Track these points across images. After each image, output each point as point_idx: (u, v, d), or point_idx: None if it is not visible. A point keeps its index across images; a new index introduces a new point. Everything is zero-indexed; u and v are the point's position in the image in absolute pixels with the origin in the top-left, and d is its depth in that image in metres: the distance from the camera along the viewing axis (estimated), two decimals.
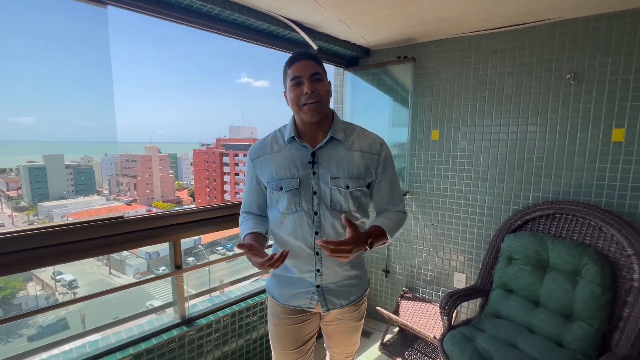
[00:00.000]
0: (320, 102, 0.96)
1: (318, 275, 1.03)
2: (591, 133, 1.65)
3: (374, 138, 1.05)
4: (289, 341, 1.12)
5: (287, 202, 0.99)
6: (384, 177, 1.05)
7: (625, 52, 1.54)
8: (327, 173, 0.99)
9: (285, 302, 1.08)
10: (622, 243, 1.42)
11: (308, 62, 0.96)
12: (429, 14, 1.63)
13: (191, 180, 54.60)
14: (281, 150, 1.04)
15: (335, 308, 1.07)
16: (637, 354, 1.29)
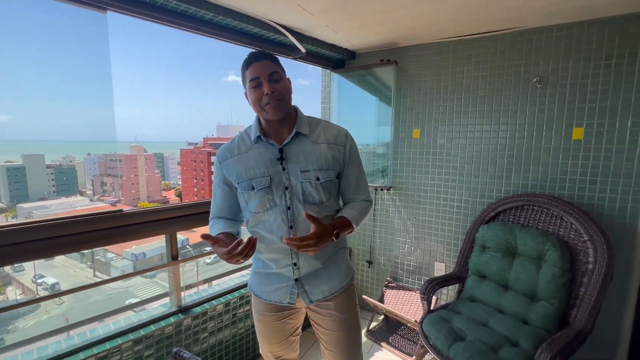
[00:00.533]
0: (281, 100, 0.98)
1: (295, 269, 1.04)
2: (555, 132, 1.82)
3: (339, 130, 1.08)
4: (272, 336, 1.15)
5: (259, 200, 1.01)
6: (350, 167, 1.08)
7: (584, 58, 1.71)
8: (296, 167, 1.01)
9: (266, 298, 1.10)
10: (580, 230, 1.59)
11: (265, 63, 0.98)
12: (408, 21, 1.76)
13: (178, 180, 53.80)
14: (249, 151, 1.05)
15: (319, 300, 1.07)
16: (590, 328, 1.45)
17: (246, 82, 1.01)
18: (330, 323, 1.10)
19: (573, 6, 1.55)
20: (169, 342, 1.51)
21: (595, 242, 1.53)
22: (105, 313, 1.51)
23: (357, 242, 2.58)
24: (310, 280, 1.06)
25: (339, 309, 1.09)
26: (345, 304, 1.10)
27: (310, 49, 2.04)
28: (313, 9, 1.58)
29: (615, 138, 1.68)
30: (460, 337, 1.54)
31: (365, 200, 1.12)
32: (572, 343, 1.37)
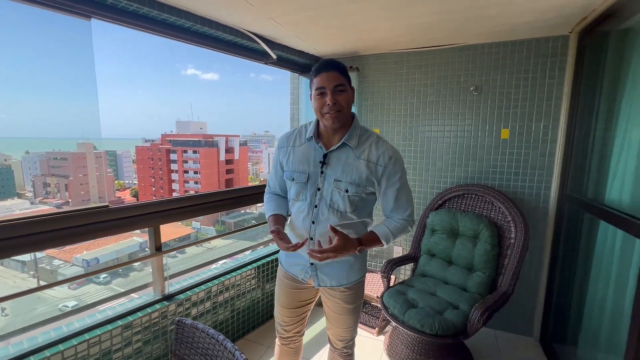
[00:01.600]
0: (341, 112, 1.07)
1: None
2: (487, 132, 2.18)
3: (385, 150, 1.12)
4: (286, 301, 1.32)
5: (295, 191, 1.18)
6: (389, 187, 1.14)
7: (508, 72, 2.08)
8: (332, 174, 1.11)
9: (287, 269, 1.29)
10: (505, 213, 1.95)
11: (332, 74, 1.06)
12: (368, 34, 2.01)
13: (134, 179, 50.57)
14: (301, 146, 1.19)
15: (326, 286, 1.22)
16: (512, 290, 1.81)
17: (312, 88, 1.11)
18: (336, 307, 1.27)
19: (499, 30, 1.89)
20: (155, 328, 1.63)
21: (516, 222, 1.90)
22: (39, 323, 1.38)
23: None
24: (323, 268, 1.20)
25: (345, 300, 1.24)
26: (351, 297, 1.25)
27: (280, 54, 2.22)
28: (284, 21, 1.76)
29: (532, 138, 2.07)
30: (413, 305, 1.83)
31: (403, 219, 1.16)
32: (498, 302, 1.72)
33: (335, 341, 1.36)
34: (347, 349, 1.36)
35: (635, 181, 1.46)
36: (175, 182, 39.55)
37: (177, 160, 39.06)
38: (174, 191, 39.25)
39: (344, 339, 1.33)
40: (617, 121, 1.63)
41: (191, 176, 39.34)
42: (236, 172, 45.04)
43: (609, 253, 1.62)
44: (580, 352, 1.83)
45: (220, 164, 41.96)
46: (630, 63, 1.56)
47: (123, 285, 20.68)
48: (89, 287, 20.83)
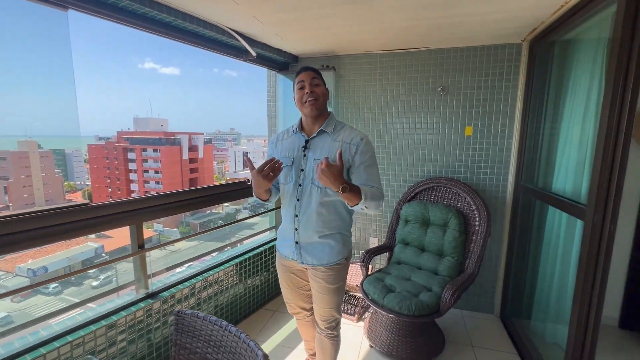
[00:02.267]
0: (317, 100, 1.30)
1: (296, 233, 1.36)
2: (453, 130, 2.38)
3: (357, 134, 1.31)
4: (284, 282, 1.54)
5: (283, 174, 1.37)
6: (362, 164, 1.28)
7: (471, 74, 2.29)
8: (313, 156, 1.32)
9: (281, 251, 1.48)
10: (470, 202, 2.16)
11: (310, 73, 1.33)
12: (345, 37, 2.11)
13: (87, 180, 46.88)
14: (288, 138, 1.42)
15: (308, 264, 1.38)
16: (477, 271, 2.02)
17: (295, 85, 1.35)
18: (319, 286, 1.41)
19: (464, 36, 2.08)
20: (140, 327, 1.61)
21: (480, 210, 2.11)
22: None
23: None
24: (306, 247, 1.37)
25: (326, 280, 1.38)
26: (332, 278, 1.38)
27: (259, 52, 2.25)
28: (266, 20, 1.80)
29: (492, 134, 2.30)
30: (391, 290, 1.97)
31: (376, 188, 1.28)
32: (465, 283, 1.91)
33: (319, 322, 1.49)
34: (330, 329, 1.48)
35: (575, 172, 1.71)
36: (134, 182, 37.27)
37: (136, 159, 36.80)
38: (132, 192, 37.00)
39: (326, 319, 1.46)
40: (561, 120, 1.88)
41: (152, 176, 37.29)
42: (201, 171, 43.47)
43: (556, 234, 1.87)
44: (533, 324, 2.08)
45: (184, 163, 40.25)
46: (571, 69, 1.80)
47: (77, 295, 19.16)
48: (36, 299, 19.05)
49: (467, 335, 2.22)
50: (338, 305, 1.45)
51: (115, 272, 20.29)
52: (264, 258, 2.51)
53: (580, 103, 1.69)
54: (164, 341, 1.73)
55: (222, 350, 0.96)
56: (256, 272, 2.44)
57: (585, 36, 1.71)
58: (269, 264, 2.58)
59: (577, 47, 1.78)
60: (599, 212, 1.32)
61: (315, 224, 1.32)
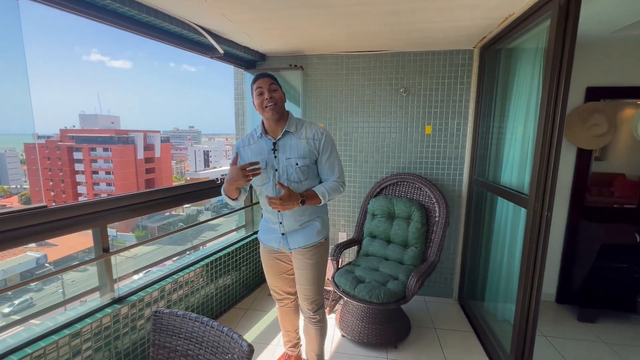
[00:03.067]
0: (277, 104, 1.39)
1: (281, 226, 1.51)
2: (415, 128, 2.54)
3: (317, 129, 1.47)
4: (271, 271, 1.65)
5: (259, 178, 1.44)
6: (324, 155, 1.46)
7: (430, 77, 2.46)
8: (283, 155, 1.43)
9: (266, 244, 1.62)
10: (431, 196, 2.33)
11: (267, 79, 1.41)
12: (311, 37, 2.16)
13: (24, 183, 42.17)
14: (254, 143, 1.48)
15: (294, 248, 1.52)
16: (438, 259, 2.19)
17: (254, 91, 1.42)
18: (299, 264, 1.55)
19: (424, 41, 2.23)
20: (107, 333, 1.54)
21: (439, 203, 2.28)
22: None
23: None
24: (291, 235, 1.53)
25: (308, 257, 1.54)
26: (313, 255, 1.53)
27: (226, 49, 2.22)
28: (235, 18, 1.80)
29: (449, 133, 2.50)
30: (361, 280, 2.07)
31: (336, 181, 1.48)
32: (428, 270, 2.07)
33: (302, 304, 1.60)
34: (313, 312, 1.58)
35: (519, 166, 1.92)
36: (82, 184, 34.27)
37: (84, 159, 33.84)
38: (80, 195, 33.99)
39: (307, 299, 1.57)
40: (507, 120, 2.10)
41: (102, 177, 34.56)
42: (158, 172, 41.13)
43: (505, 222, 2.09)
44: (486, 304, 2.31)
45: (139, 163, 37.80)
46: (514, 74, 2.02)
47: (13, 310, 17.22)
48: None
49: (430, 319, 2.40)
50: (317, 283, 1.57)
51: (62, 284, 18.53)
52: (234, 257, 2.49)
53: (523, 105, 1.91)
54: (133, 347, 1.67)
55: (204, 346, 0.97)
56: (227, 272, 2.42)
57: (526, 45, 1.92)
58: (240, 263, 2.57)
59: (519, 55, 1.99)
60: (538, 201, 1.51)
61: (297, 214, 1.48)
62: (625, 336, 2.22)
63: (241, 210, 2.80)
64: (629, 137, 2.44)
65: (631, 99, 2.40)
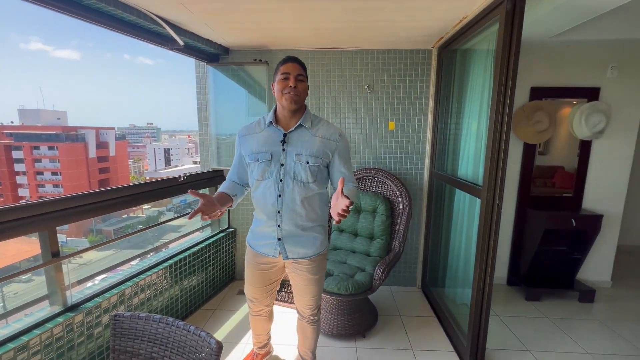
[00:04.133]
0: (299, 96, 1.26)
1: (279, 230, 1.34)
2: (378, 124, 2.63)
3: (335, 129, 1.34)
4: (255, 280, 1.48)
5: (261, 170, 1.30)
6: (341, 159, 1.33)
7: (392, 75, 2.55)
8: (293, 150, 1.28)
9: (258, 250, 1.42)
10: (395, 190, 2.43)
11: (296, 65, 1.27)
12: (276, 32, 2.14)
13: None
14: (262, 131, 1.34)
15: (292, 258, 1.38)
16: (402, 250, 2.29)
17: (278, 74, 1.28)
18: (302, 279, 1.44)
19: (386, 39, 2.30)
20: (59, 344, 1.43)
21: (403, 196, 2.38)
22: None
23: (242, 222, 2.86)
24: (289, 241, 1.36)
25: (310, 271, 1.42)
26: (315, 268, 1.43)
27: (187, 41, 2.14)
28: (195, 9, 1.74)
29: (410, 129, 2.61)
30: (330, 274, 2.11)
31: (355, 186, 1.36)
32: (393, 260, 2.16)
33: (303, 310, 1.54)
34: (313, 316, 1.56)
35: (474, 160, 2.06)
36: (24, 186, 31.08)
37: (25, 159, 30.67)
38: (22, 198, 30.82)
39: (310, 307, 1.52)
40: (462, 117, 2.24)
41: (48, 178, 31.59)
42: (113, 171, 38.47)
43: (462, 212, 2.23)
44: (446, 290, 2.46)
45: (91, 162, 35.07)
46: (469, 74, 2.16)
47: None
48: None
49: (396, 307, 2.50)
50: (320, 292, 1.52)
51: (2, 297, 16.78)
52: (200, 257, 2.42)
53: (476, 102, 2.05)
54: (90, 356, 1.57)
55: (169, 347, 0.94)
56: (192, 272, 2.34)
57: (478, 47, 2.06)
58: (206, 263, 2.50)
59: (472, 56, 2.13)
60: (490, 192, 1.64)
61: (299, 218, 1.33)
62: (565, 310, 2.49)
63: None
64: (566, 133, 2.71)
65: (567, 98, 2.67)
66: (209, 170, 2.67)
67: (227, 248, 2.77)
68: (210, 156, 2.75)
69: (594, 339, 2.15)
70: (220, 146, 2.73)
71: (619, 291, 2.79)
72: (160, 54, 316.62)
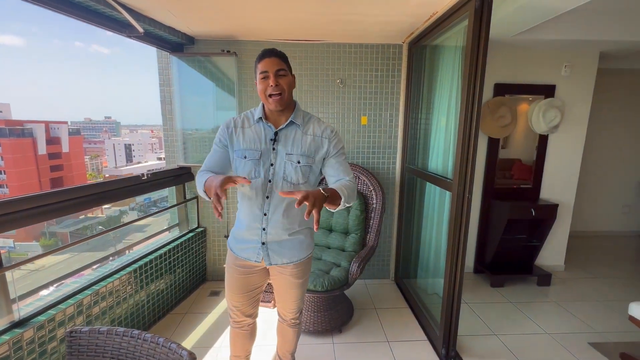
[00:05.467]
0: (282, 95, 1.16)
1: (263, 233, 1.24)
2: (352, 119, 2.62)
3: (327, 126, 1.26)
4: (237, 286, 1.35)
5: (248, 169, 1.20)
6: (335, 157, 1.25)
7: (364, 69, 2.54)
8: (283, 150, 1.20)
9: (239, 254, 1.31)
10: (369, 184, 2.44)
11: (274, 60, 1.14)
12: (245, 21, 2.05)
13: None
14: (251, 127, 1.24)
15: (277, 264, 1.29)
16: (376, 244, 2.31)
17: (257, 72, 1.18)
18: (285, 283, 1.36)
19: (358, 33, 2.28)
20: None
21: (376, 190, 2.40)
22: None
23: (212, 220, 2.75)
24: (274, 246, 1.27)
25: (294, 275, 1.34)
26: (300, 272, 1.35)
27: (147, 29, 1.98)
28: None
29: (383, 124, 2.63)
30: None
31: (351, 180, 1.22)
32: (368, 254, 2.17)
33: (284, 314, 1.48)
34: (295, 319, 1.49)
35: (443, 154, 2.12)
36: None
37: None
38: None
39: (293, 311, 1.45)
40: (432, 111, 2.29)
41: None
42: (67, 169, 35.70)
43: (432, 205, 2.29)
44: (418, 281, 2.53)
45: (40, 159, 32.27)
46: (437, 69, 2.20)
47: None
48: None
49: (371, 300, 2.54)
50: (304, 294, 1.46)
51: None
52: (168, 259, 2.29)
53: (445, 98, 2.10)
54: None
55: None
56: (160, 276, 2.21)
57: (447, 43, 2.10)
58: (175, 265, 2.37)
59: (441, 52, 2.18)
60: (460, 185, 1.69)
61: (287, 222, 1.24)
62: (526, 294, 2.66)
63: (173, 208, 2.58)
64: (524, 128, 2.87)
65: (527, 94, 2.83)
66: (175, 167, 2.52)
67: (197, 248, 2.65)
68: (176, 152, 2.59)
69: (552, 319, 2.32)
70: (187, 142, 2.59)
71: (571, 274, 3.03)
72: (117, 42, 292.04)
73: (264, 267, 1.34)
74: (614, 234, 4.08)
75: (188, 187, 2.66)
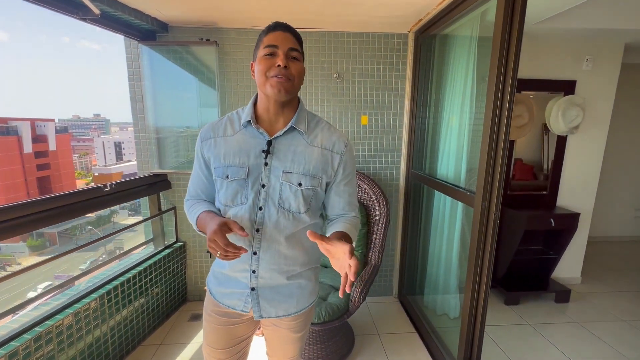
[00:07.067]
0: (291, 82, 0.85)
1: (253, 277, 0.92)
2: (350, 118, 2.32)
3: (340, 136, 0.95)
4: (217, 341, 1.01)
5: (231, 192, 0.89)
6: (344, 180, 0.95)
7: (364, 61, 2.24)
8: (280, 166, 0.88)
9: (220, 300, 0.98)
10: (370, 193, 2.14)
11: (288, 35, 0.85)
12: (226, 4, 1.72)
13: None
14: (235, 134, 0.91)
15: (270, 317, 0.97)
16: (380, 262, 2.02)
17: (259, 49, 0.86)
18: (280, 337, 1.04)
19: (357, 20, 1.98)
20: None
21: (379, 200, 2.11)
22: None
23: (193, 234, 2.43)
24: (267, 294, 0.95)
25: (292, 329, 1.02)
26: (300, 324, 1.03)
27: (106, 11, 1.65)
28: None
29: (385, 124, 2.33)
30: None
31: (356, 217, 0.98)
32: (371, 276, 1.88)
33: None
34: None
35: (456, 159, 1.83)
36: None
37: None
38: None
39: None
40: (442, 111, 2.00)
41: None
42: (54, 167, 34.88)
43: (442, 216, 2.01)
44: (425, 299, 2.26)
45: (26, 158, 31.45)
46: (449, 63, 1.91)
47: None
48: None
49: (373, 322, 2.25)
50: (303, 349, 1.13)
51: None
52: (140, 282, 1.97)
53: (458, 95, 1.81)
54: None
55: None
56: (129, 303, 1.89)
57: (460, 32, 1.81)
58: (149, 287, 2.05)
59: (453, 42, 1.88)
60: (485, 200, 1.40)
61: (284, 262, 0.92)
62: (544, 313, 2.40)
63: (147, 220, 2.25)
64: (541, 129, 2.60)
65: (545, 91, 2.55)
66: (148, 175, 2.20)
67: (175, 266, 2.33)
68: (149, 157, 2.26)
69: (576, 344, 2.06)
70: (162, 145, 2.26)
71: (588, 287, 2.79)
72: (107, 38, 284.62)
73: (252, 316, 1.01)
74: (625, 239, 3.86)
75: (164, 197, 2.33)
